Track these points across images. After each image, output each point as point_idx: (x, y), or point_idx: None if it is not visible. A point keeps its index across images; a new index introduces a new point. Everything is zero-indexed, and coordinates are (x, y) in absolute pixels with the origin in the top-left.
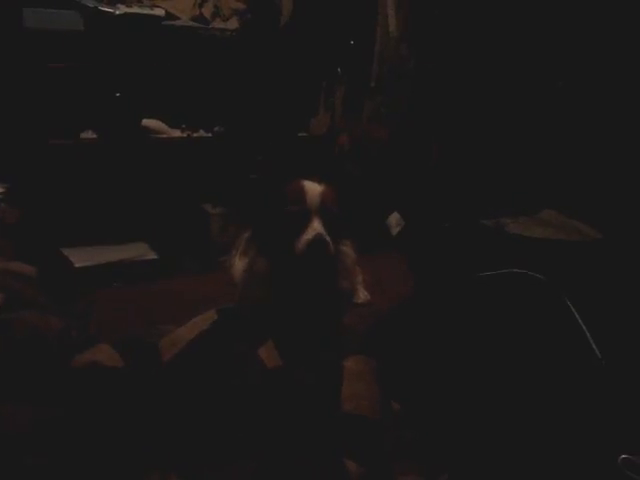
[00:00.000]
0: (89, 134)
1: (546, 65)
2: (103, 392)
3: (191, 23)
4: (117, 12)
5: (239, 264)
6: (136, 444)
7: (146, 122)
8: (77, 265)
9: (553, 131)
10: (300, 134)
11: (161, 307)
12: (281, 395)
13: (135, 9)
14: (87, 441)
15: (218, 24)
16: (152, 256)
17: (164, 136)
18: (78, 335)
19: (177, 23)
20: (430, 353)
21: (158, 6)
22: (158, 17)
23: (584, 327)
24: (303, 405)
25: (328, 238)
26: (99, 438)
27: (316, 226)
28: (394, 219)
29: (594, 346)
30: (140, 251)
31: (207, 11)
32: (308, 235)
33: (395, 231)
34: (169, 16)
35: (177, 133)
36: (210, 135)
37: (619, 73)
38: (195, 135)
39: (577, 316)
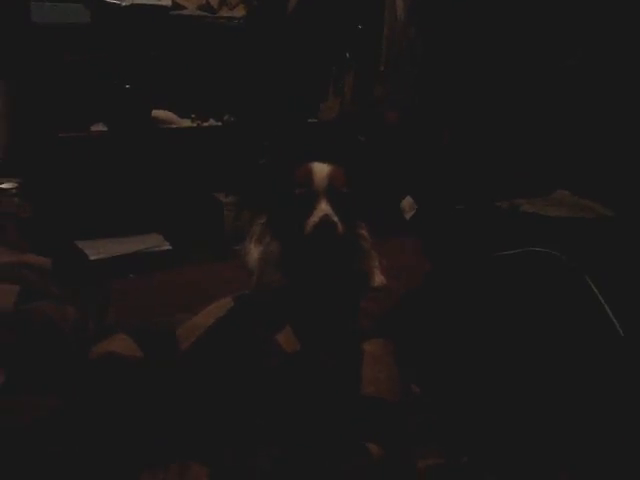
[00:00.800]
0: (100, 126)
1: (556, 44)
2: (121, 382)
3: (198, 12)
4: (124, 3)
5: (254, 251)
6: (155, 434)
7: (156, 113)
8: (92, 258)
9: (563, 111)
10: (310, 120)
11: (177, 296)
12: (301, 379)
13: (142, 0)
14: (106, 431)
15: (225, 12)
16: (166, 247)
17: (174, 126)
18: (95, 325)
19: (184, 12)
20: (448, 335)
21: None
22: (165, 7)
23: (606, 305)
24: (323, 389)
25: (336, 219)
26: (117, 428)
27: (324, 207)
28: (407, 203)
29: (616, 323)
30: (154, 242)
31: (214, 0)
32: (315, 217)
33: (409, 215)
34: (176, 6)
35: (187, 123)
36: (220, 124)
37: (628, 52)
38: (205, 124)
39: (598, 294)
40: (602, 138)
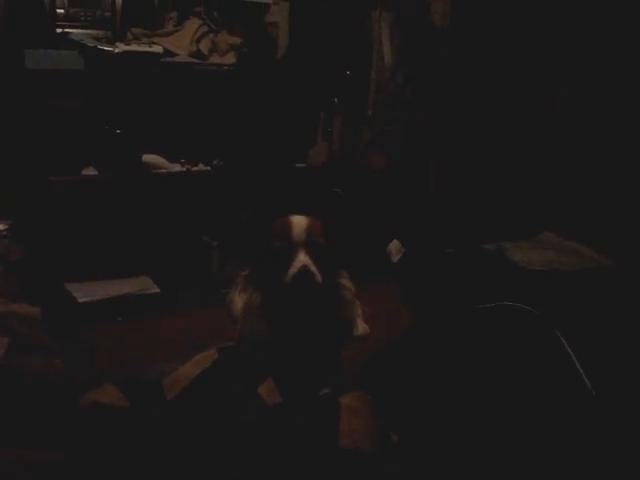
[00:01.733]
0: (90, 170)
1: (541, 86)
2: (108, 431)
3: (189, 59)
4: (116, 50)
5: (238, 300)
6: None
7: (146, 157)
8: (80, 300)
9: (551, 153)
10: (298, 165)
11: (164, 344)
12: (280, 432)
13: (134, 47)
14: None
15: (215, 59)
16: (155, 290)
17: (164, 171)
18: (82, 375)
19: (175, 59)
20: (428, 385)
21: (156, 43)
22: (156, 54)
23: (574, 358)
24: (301, 441)
25: (314, 269)
26: (103, 478)
27: (302, 258)
28: (394, 247)
29: (584, 377)
30: (143, 285)
31: (204, 47)
32: (294, 268)
33: (396, 258)
34: (167, 53)
35: (177, 167)
36: (209, 168)
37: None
38: (194, 169)
39: (567, 348)
40: (588, 180)
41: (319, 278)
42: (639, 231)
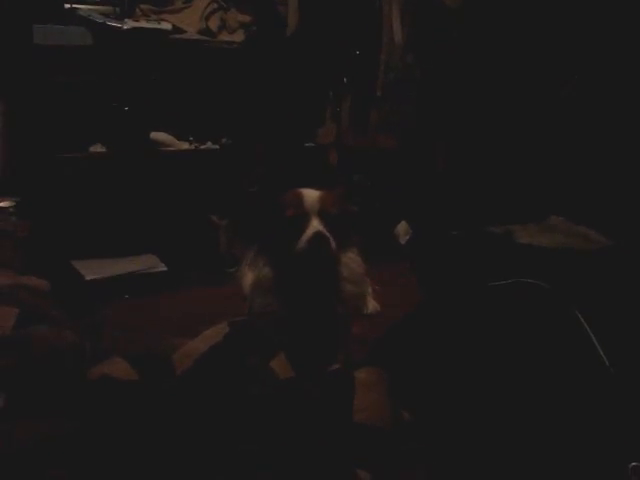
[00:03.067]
0: (98, 147)
1: (552, 71)
2: (118, 405)
3: (198, 36)
4: (125, 27)
5: (248, 275)
6: (150, 457)
7: (154, 135)
8: (88, 278)
9: (559, 137)
10: (307, 144)
11: (173, 320)
12: (294, 406)
13: (142, 23)
14: (103, 453)
15: (224, 37)
16: (162, 268)
17: (172, 148)
18: (92, 348)
19: (184, 36)
20: (440, 362)
21: (165, 20)
22: (165, 31)
23: (592, 336)
24: (315, 416)
25: (328, 234)
26: (114, 450)
27: (315, 224)
28: (402, 228)
29: (602, 355)
30: (150, 263)
31: (213, 24)
32: (308, 234)
33: (403, 240)
34: (176, 30)
35: (185, 145)
36: (218, 147)
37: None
38: (203, 147)
39: (585, 325)
40: (595, 164)
41: (333, 244)
42: None
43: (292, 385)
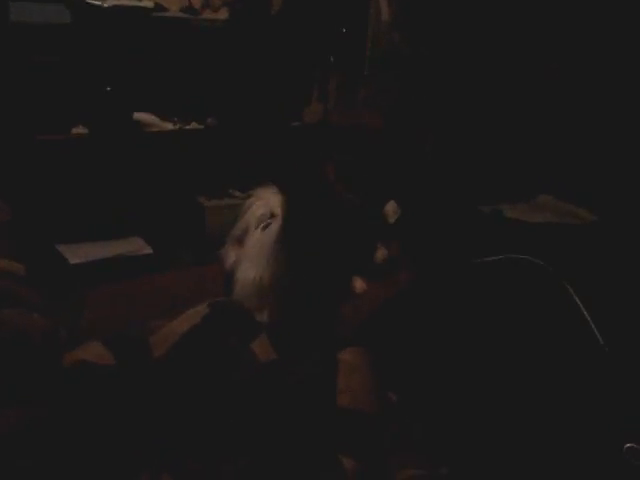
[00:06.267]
0: (80, 129)
1: (540, 48)
2: (94, 390)
3: (180, 14)
4: (105, 4)
5: (231, 254)
6: (126, 443)
7: (138, 116)
8: (72, 262)
9: (548, 115)
10: (293, 123)
11: (156, 302)
12: (275, 389)
13: (124, 1)
14: (76, 441)
15: (208, 15)
16: (147, 251)
17: (156, 129)
18: (68, 334)
19: (166, 14)
20: (428, 342)
21: None
22: (147, 8)
23: (586, 313)
24: (297, 399)
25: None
26: (89, 437)
27: None
28: (391, 207)
29: (597, 333)
30: (135, 246)
31: (196, 1)
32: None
33: (392, 219)
34: (158, 7)
35: (169, 126)
36: (203, 127)
37: (613, 54)
38: (187, 127)
39: (579, 302)
40: (585, 142)
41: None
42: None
43: (273, 368)
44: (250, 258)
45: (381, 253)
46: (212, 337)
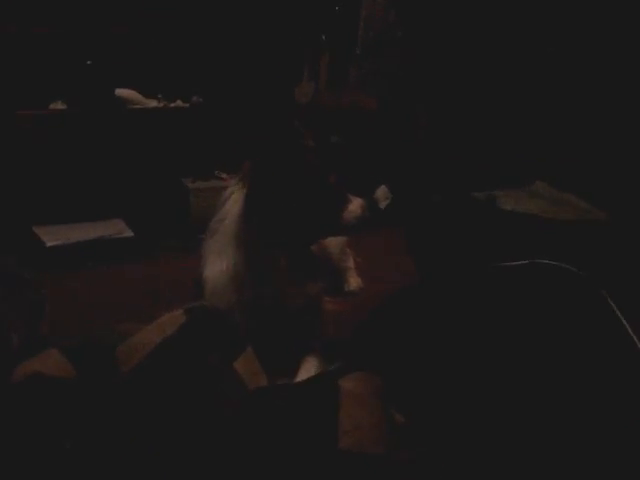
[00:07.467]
0: (59, 105)
1: (536, 32)
2: (49, 408)
3: None
4: None
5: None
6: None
7: (119, 91)
8: (48, 244)
9: (543, 101)
10: (282, 103)
11: (129, 298)
12: (262, 423)
13: None
14: (24, 465)
15: None
16: (128, 233)
17: (139, 106)
18: (22, 340)
19: None
20: (437, 353)
21: None
22: None
23: (628, 326)
24: (291, 440)
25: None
26: (42, 462)
27: None
28: (382, 192)
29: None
30: (116, 229)
31: None
32: None
33: (383, 205)
34: None
35: (153, 103)
36: (188, 105)
37: (609, 39)
38: (172, 105)
39: (619, 314)
40: (580, 129)
41: None
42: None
43: (262, 398)
44: (217, 251)
45: (348, 212)
46: (189, 352)
